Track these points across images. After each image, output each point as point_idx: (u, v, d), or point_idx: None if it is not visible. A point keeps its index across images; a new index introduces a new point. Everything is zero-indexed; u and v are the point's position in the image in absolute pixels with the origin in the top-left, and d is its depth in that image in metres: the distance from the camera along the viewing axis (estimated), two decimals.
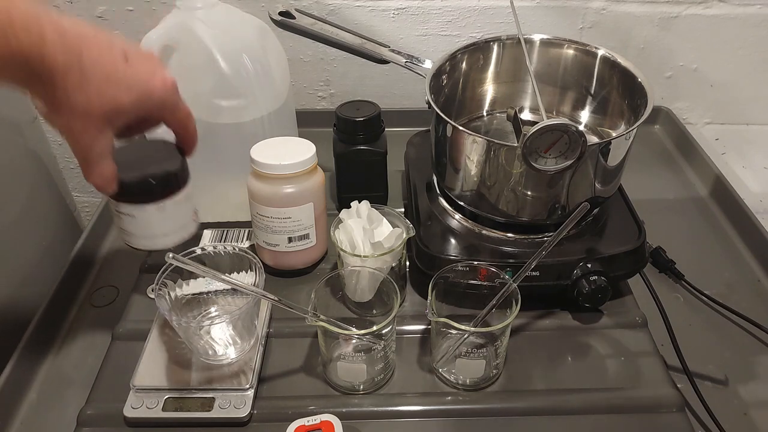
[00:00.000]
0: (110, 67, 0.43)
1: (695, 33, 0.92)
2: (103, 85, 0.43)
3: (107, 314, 0.64)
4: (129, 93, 0.45)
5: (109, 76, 0.43)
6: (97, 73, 0.42)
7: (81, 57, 0.41)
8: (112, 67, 0.43)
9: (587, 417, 0.54)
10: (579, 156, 0.54)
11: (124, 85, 0.44)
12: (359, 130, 0.70)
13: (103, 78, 0.42)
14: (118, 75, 0.44)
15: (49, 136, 1.05)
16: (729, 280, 0.69)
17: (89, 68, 0.41)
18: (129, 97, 0.45)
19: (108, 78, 0.43)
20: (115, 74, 0.43)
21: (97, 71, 0.42)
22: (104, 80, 0.43)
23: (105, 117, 0.44)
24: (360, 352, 0.54)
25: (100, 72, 0.42)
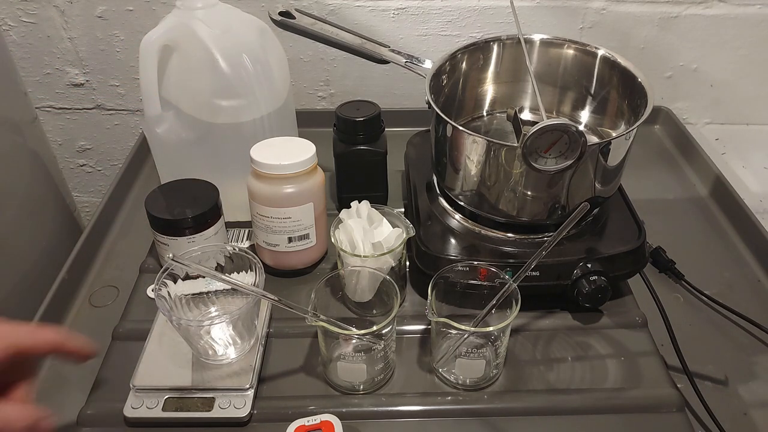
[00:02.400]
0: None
1: (695, 33, 0.92)
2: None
3: (107, 314, 0.64)
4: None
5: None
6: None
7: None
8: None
9: (587, 417, 0.54)
10: (579, 156, 0.54)
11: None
12: (359, 130, 0.70)
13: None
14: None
15: (49, 136, 1.05)
16: (729, 280, 0.69)
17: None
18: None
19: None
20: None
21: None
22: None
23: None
24: (360, 352, 0.54)
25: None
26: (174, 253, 0.49)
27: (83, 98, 1.02)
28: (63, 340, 0.46)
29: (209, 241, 0.63)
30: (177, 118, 0.67)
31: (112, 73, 0.99)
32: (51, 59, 0.97)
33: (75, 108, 1.03)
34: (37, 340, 0.45)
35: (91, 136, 1.07)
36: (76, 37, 0.95)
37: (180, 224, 0.61)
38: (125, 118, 1.04)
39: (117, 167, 1.09)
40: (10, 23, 0.93)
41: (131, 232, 0.76)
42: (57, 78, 0.99)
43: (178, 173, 0.67)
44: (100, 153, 1.10)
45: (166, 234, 0.62)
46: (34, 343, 0.45)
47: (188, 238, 0.62)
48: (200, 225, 0.62)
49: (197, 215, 0.61)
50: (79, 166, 1.12)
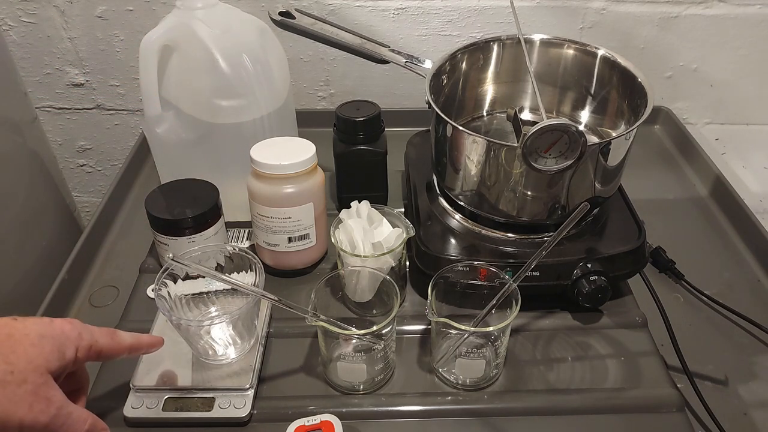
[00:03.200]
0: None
1: (695, 33, 0.92)
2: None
3: (107, 314, 0.64)
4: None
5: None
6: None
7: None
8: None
9: (587, 417, 0.54)
10: (579, 156, 0.54)
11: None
12: (359, 130, 0.70)
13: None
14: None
15: (49, 136, 1.05)
16: (729, 280, 0.69)
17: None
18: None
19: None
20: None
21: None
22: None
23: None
24: (360, 352, 0.54)
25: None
26: (174, 253, 0.49)
27: (83, 98, 1.02)
28: (137, 343, 0.50)
29: (209, 241, 0.63)
30: (177, 118, 0.67)
31: (112, 73, 0.99)
32: (51, 59, 0.97)
33: (75, 108, 1.03)
34: (118, 345, 0.48)
35: (91, 136, 1.07)
36: (76, 37, 0.95)
37: (180, 224, 0.61)
38: (125, 118, 1.04)
39: (117, 167, 1.09)
40: (10, 23, 0.93)
41: (131, 232, 0.76)
42: (57, 78, 0.99)
43: (178, 173, 0.67)
44: (100, 153, 1.10)
45: (166, 234, 0.62)
46: (115, 348, 0.48)
47: (188, 238, 0.62)
48: (200, 225, 0.62)
49: (197, 215, 0.61)
50: (79, 166, 1.12)
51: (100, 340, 0.47)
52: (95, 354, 0.46)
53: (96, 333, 0.47)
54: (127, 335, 0.49)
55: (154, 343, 0.52)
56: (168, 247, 0.62)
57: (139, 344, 0.50)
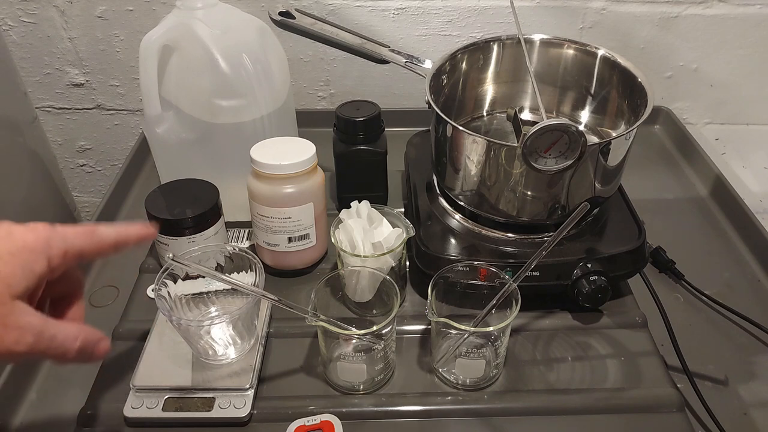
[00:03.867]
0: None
1: (695, 33, 0.92)
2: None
3: (107, 314, 0.64)
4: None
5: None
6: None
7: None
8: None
9: (587, 417, 0.54)
10: (579, 156, 0.54)
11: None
12: (359, 130, 0.70)
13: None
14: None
15: (49, 135, 1.05)
16: (729, 280, 0.69)
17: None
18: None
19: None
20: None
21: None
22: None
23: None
24: (360, 352, 0.54)
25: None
26: (174, 253, 0.49)
27: (83, 98, 1.02)
28: (123, 235, 0.43)
29: (209, 241, 0.63)
30: (177, 118, 0.67)
31: (112, 73, 0.99)
32: (51, 59, 0.97)
33: (75, 108, 1.03)
34: (99, 242, 0.42)
35: (91, 136, 1.07)
36: (76, 37, 0.95)
37: (180, 224, 0.61)
38: (125, 118, 1.04)
39: (117, 167, 1.09)
40: (10, 23, 0.93)
41: None
42: (57, 78, 0.99)
43: (178, 173, 0.67)
44: (100, 153, 1.10)
45: (166, 234, 0.62)
46: (95, 246, 0.42)
47: (188, 238, 0.62)
48: (200, 225, 0.62)
49: (197, 215, 0.61)
50: (79, 166, 1.12)
51: (76, 242, 0.40)
52: (74, 258, 0.40)
53: (70, 235, 0.40)
54: (110, 229, 0.42)
55: (145, 233, 0.44)
56: (168, 247, 0.62)
57: (126, 237, 0.43)
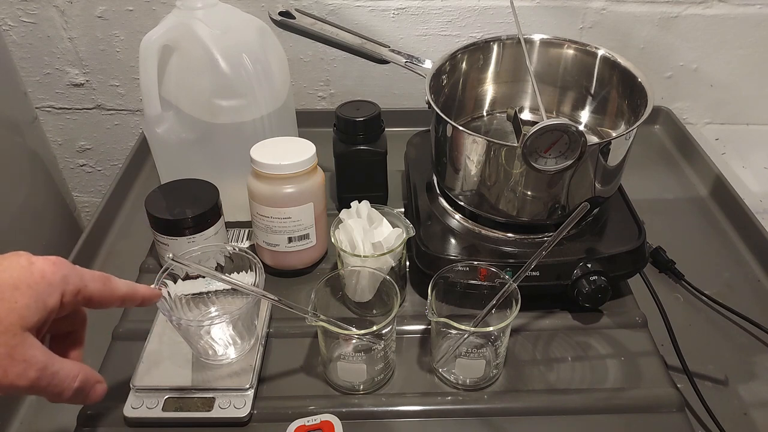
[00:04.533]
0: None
1: (695, 33, 0.92)
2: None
3: (107, 314, 0.63)
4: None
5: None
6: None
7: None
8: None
9: (587, 417, 0.54)
10: (579, 156, 0.54)
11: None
12: (359, 130, 0.70)
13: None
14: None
15: (49, 135, 1.05)
16: (729, 280, 0.69)
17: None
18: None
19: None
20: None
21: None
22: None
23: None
24: (360, 352, 0.54)
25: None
26: (174, 253, 0.49)
27: (83, 98, 1.02)
28: (133, 292, 0.45)
29: (209, 241, 0.63)
30: (177, 118, 0.67)
31: (112, 73, 0.99)
32: (51, 59, 0.97)
33: (75, 108, 1.03)
34: (111, 292, 0.43)
35: (91, 136, 1.07)
36: (76, 37, 0.95)
37: (180, 224, 0.61)
38: (125, 118, 1.04)
39: (117, 167, 1.09)
40: (10, 23, 0.93)
41: (131, 232, 0.76)
42: (57, 78, 0.99)
43: (178, 173, 0.67)
44: (100, 153, 1.10)
45: (166, 234, 0.62)
46: (107, 295, 0.42)
47: (188, 238, 0.62)
48: (200, 225, 0.62)
49: (197, 215, 0.61)
50: (79, 166, 1.12)
51: (90, 285, 0.41)
52: (84, 301, 0.41)
53: (86, 276, 0.41)
54: (122, 283, 0.44)
55: (152, 295, 0.47)
56: (168, 247, 0.62)
57: (134, 294, 0.45)
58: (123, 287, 0.44)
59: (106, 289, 0.42)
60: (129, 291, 0.44)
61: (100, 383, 0.42)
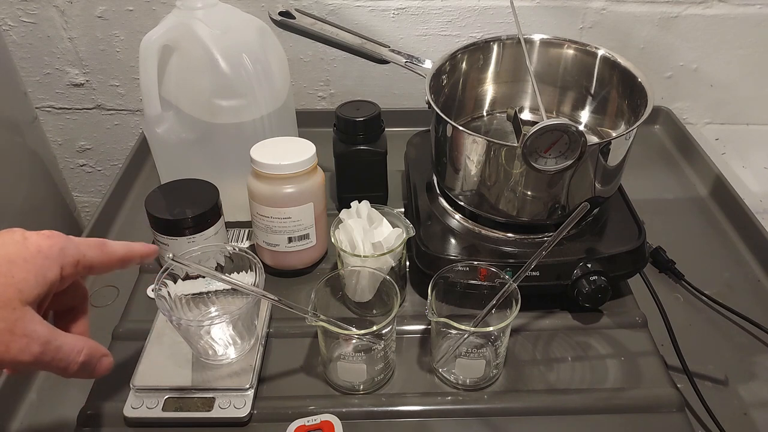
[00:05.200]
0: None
1: (695, 33, 0.92)
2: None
3: (107, 314, 0.64)
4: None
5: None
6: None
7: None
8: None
9: (587, 417, 0.54)
10: (579, 156, 0.54)
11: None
12: (359, 130, 0.70)
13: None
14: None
15: (49, 135, 1.05)
16: (729, 280, 0.69)
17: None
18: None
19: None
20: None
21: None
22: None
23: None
24: (360, 352, 0.54)
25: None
26: (174, 253, 0.49)
27: (83, 98, 1.02)
28: (130, 251, 0.45)
29: (209, 241, 0.63)
30: (177, 118, 0.67)
31: (112, 73, 0.99)
32: (51, 59, 0.97)
33: (75, 108, 1.03)
34: (110, 256, 0.43)
35: (91, 136, 1.07)
36: (76, 37, 0.95)
37: (180, 224, 0.61)
38: (125, 118, 1.04)
39: (117, 167, 1.09)
40: (10, 23, 0.93)
41: (131, 232, 0.76)
42: (57, 78, 0.99)
43: (178, 173, 0.67)
44: (100, 153, 1.10)
45: (166, 234, 0.62)
46: (106, 259, 0.42)
47: (188, 238, 0.62)
48: (200, 225, 0.62)
49: (197, 215, 0.61)
50: (79, 166, 1.12)
51: (87, 253, 0.41)
52: (84, 269, 0.41)
53: (82, 246, 0.41)
54: (118, 245, 0.44)
55: (149, 252, 0.47)
56: (168, 247, 0.62)
57: (131, 253, 0.45)
58: (120, 249, 0.44)
59: (104, 254, 0.42)
60: (126, 251, 0.44)
61: (107, 356, 0.42)
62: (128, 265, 0.45)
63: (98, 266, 0.42)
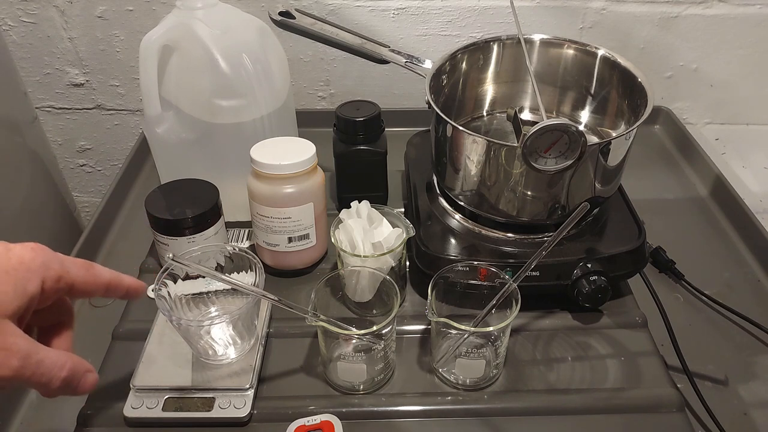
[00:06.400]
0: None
1: (695, 33, 0.92)
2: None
3: (107, 314, 0.64)
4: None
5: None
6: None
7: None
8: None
9: (587, 417, 0.54)
10: (579, 156, 0.54)
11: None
12: (359, 130, 0.70)
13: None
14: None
15: (49, 135, 1.05)
16: (729, 280, 0.69)
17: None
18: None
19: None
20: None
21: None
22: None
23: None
24: (360, 352, 0.54)
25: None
26: (174, 253, 0.49)
27: (83, 98, 1.02)
28: (117, 280, 0.43)
29: (209, 241, 0.63)
30: (177, 118, 0.67)
31: (112, 73, 0.99)
32: (51, 59, 0.97)
33: (75, 108, 1.03)
34: (94, 279, 0.41)
35: (91, 136, 1.07)
36: (76, 37, 0.95)
37: (180, 224, 0.61)
38: (125, 118, 1.04)
39: (117, 167, 1.09)
40: (10, 23, 0.93)
41: (131, 232, 0.76)
42: (57, 78, 0.99)
43: (178, 173, 0.67)
44: (100, 153, 1.10)
45: (166, 234, 0.62)
46: (90, 281, 0.41)
47: (188, 238, 0.62)
48: (200, 225, 0.62)
49: (197, 215, 0.61)
50: (79, 166, 1.12)
51: (72, 270, 0.39)
52: (66, 287, 0.39)
53: (67, 263, 0.39)
54: (105, 270, 0.42)
55: (137, 287, 0.45)
56: (168, 247, 0.62)
57: (118, 283, 0.43)
58: (106, 274, 0.42)
59: (89, 275, 0.41)
60: (113, 279, 0.43)
61: (91, 373, 0.40)
62: (113, 294, 0.43)
63: (81, 286, 0.40)
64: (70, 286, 0.40)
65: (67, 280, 0.39)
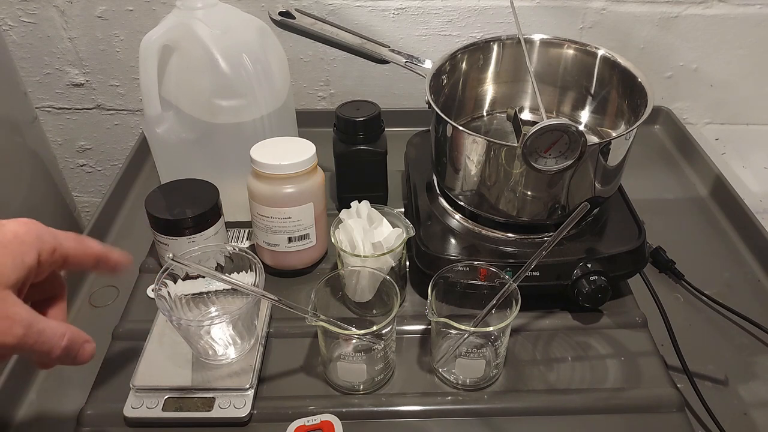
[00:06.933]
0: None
1: (695, 33, 0.92)
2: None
3: (107, 314, 0.64)
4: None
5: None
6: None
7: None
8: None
9: (587, 417, 0.54)
10: (579, 156, 0.54)
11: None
12: (359, 130, 0.70)
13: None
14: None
15: (49, 135, 1.05)
16: (729, 280, 0.69)
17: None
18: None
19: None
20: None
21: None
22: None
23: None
24: (360, 352, 0.54)
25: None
26: (174, 253, 0.49)
27: (83, 98, 1.02)
28: (107, 252, 0.44)
29: (209, 241, 0.63)
30: (177, 118, 0.67)
31: (112, 73, 0.99)
32: (51, 59, 0.97)
33: (75, 108, 1.03)
34: (86, 249, 0.42)
35: (91, 136, 1.07)
36: (76, 37, 0.95)
37: (180, 224, 0.61)
38: (125, 118, 1.04)
39: (117, 167, 1.09)
40: (10, 23, 0.93)
41: (131, 232, 0.76)
42: (57, 78, 0.99)
43: (178, 173, 0.67)
44: (100, 153, 1.10)
45: (166, 234, 0.62)
46: (82, 252, 0.42)
47: (188, 238, 0.62)
48: (200, 225, 0.62)
49: (197, 215, 0.61)
50: (79, 166, 1.12)
51: (64, 242, 0.41)
52: (61, 259, 0.41)
53: (60, 235, 0.41)
54: (96, 243, 0.44)
55: (124, 260, 0.46)
56: (168, 247, 0.62)
57: (107, 253, 0.44)
58: (97, 246, 0.44)
59: (81, 246, 0.42)
60: (103, 251, 0.44)
61: (89, 342, 0.42)
62: (103, 266, 0.44)
63: (74, 257, 0.42)
64: (64, 258, 0.41)
65: (61, 252, 0.40)
